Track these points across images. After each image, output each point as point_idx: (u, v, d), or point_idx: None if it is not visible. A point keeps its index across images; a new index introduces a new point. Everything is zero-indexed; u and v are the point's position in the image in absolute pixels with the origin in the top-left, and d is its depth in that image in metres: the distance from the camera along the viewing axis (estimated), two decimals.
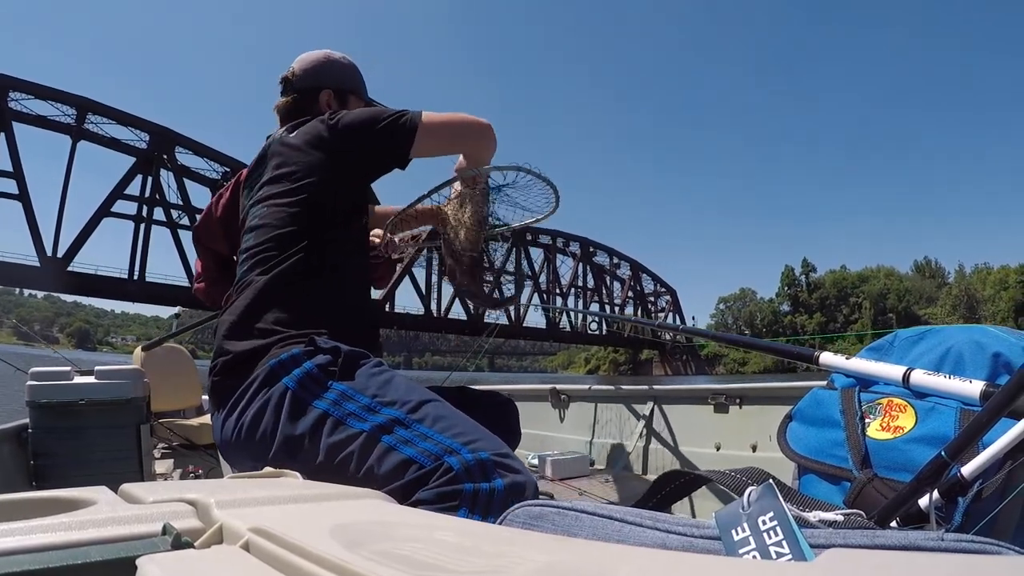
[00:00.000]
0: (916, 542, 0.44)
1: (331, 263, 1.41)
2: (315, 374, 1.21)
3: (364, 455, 1.11)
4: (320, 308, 1.36)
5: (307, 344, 1.25)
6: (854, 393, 1.26)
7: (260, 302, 1.34)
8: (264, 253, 1.39)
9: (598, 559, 0.40)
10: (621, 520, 0.55)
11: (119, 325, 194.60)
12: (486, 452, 1.07)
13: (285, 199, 1.42)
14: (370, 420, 1.13)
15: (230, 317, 1.36)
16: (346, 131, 1.45)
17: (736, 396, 2.80)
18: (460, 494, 1.01)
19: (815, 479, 1.24)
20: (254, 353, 1.28)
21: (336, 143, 1.44)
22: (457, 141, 1.56)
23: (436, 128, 1.48)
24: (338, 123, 1.45)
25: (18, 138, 41.82)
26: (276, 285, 1.35)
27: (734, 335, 2.33)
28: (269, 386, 1.22)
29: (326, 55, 1.72)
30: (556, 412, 3.74)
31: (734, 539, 0.47)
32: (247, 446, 1.24)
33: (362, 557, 0.39)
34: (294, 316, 1.33)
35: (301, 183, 1.42)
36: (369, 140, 1.46)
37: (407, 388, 1.21)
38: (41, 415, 2.09)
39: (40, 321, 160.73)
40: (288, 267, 1.36)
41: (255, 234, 1.43)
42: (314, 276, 1.38)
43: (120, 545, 0.48)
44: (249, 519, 0.50)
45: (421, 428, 1.11)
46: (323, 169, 1.44)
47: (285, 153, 1.47)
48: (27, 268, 42.58)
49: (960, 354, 1.20)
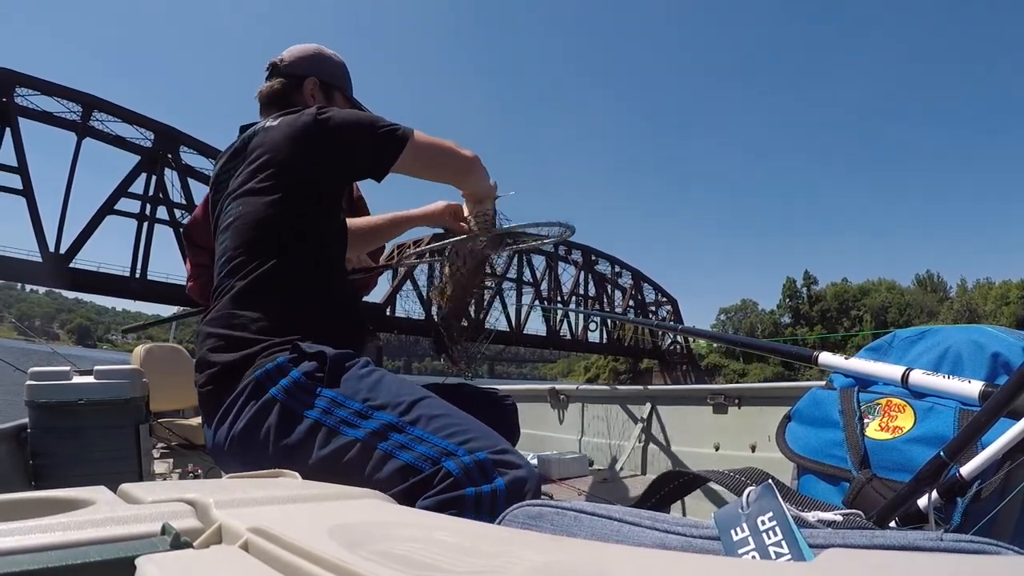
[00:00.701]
0: (915, 542, 0.44)
1: (310, 263, 1.38)
2: (303, 383, 1.19)
3: (361, 463, 1.10)
4: (302, 311, 1.33)
5: (291, 351, 1.23)
6: (853, 393, 1.26)
7: (241, 309, 1.31)
8: (240, 257, 1.35)
9: (596, 559, 0.40)
10: (620, 520, 0.55)
11: (120, 323, 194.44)
12: (483, 452, 1.07)
13: (261, 197, 1.38)
14: (364, 426, 1.12)
15: (211, 327, 1.33)
16: (336, 130, 1.41)
17: (735, 396, 2.80)
18: (463, 500, 1.01)
19: (814, 479, 1.24)
20: (239, 363, 1.25)
21: (322, 140, 1.40)
22: (439, 168, 1.57)
23: (423, 149, 1.48)
24: (328, 120, 1.41)
25: (24, 134, 41.66)
26: (256, 290, 1.32)
27: (732, 335, 2.33)
28: (257, 398, 1.20)
29: (317, 48, 1.69)
30: (555, 412, 3.74)
31: (733, 539, 0.47)
32: (241, 458, 1.22)
33: (361, 557, 0.39)
34: (276, 322, 1.29)
35: (278, 179, 1.38)
36: (359, 144, 1.43)
37: (397, 388, 1.20)
38: (40, 415, 2.09)
39: (41, 317, 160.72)
40: (266, 271, 1.33)
41: (231, 235, 1.39)
42: (293, 278, 1.35)
43: (119, 545, 0.48)
44: (248, 519, 0.50)
45: (416, 431, 1.10)
46: (304, 165, 1.40)
47: (266, 144, 1.42)
48: (29, 263, 42.43)
49: (959, 354, 1.20)
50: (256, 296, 1.32)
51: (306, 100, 1.61)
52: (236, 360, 1.25)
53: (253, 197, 1.38)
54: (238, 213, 1.39)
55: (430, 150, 1.50)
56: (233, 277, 1.35)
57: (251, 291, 1.32)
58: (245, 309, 1.31)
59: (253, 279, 1.32)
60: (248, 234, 1.36)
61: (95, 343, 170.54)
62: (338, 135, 1.41)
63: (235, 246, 1.37)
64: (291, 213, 1.37)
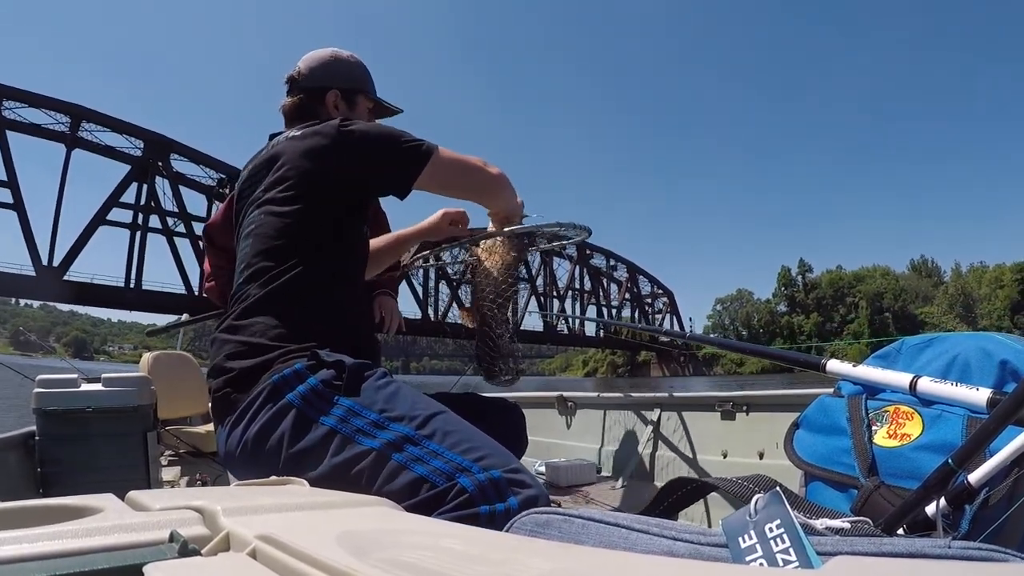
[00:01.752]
0: (923, 550, 0.44)
1: (329, 273, 1.38)
2: (320, 390, 1.19)
3: (375, 473, 1.10)
4: (320, 320, 1.33)
5: (310, 358, 1.23)
6: (861, 401, 1.25)
7: (259, 317, 1.31)
8: (260, 264, 1.36)
9: (604, 566, 0.40)
10: (628, 527, 0.55)
11: (116, 334, 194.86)
12: (498, 470, 1.07)
13: (283, 207, 1.38)
14: (380, 437, 1.12)
15: (227, 334, 1.33)
16: (359, 145, 1.41)
17: (743, 403, 2.80)
18: (476, 519, 1.01)
19: (822, 486, 1.24)
20: (256, 368, 1.26)
21: (344, 155, 1.40)
22: (464, 186, 1.55)
23: (448, 166, 1.46)
24: (351, 134, 1.40)
25: (12, 147, 42.09)
26: (274, 299, 1.33)
27: (741, 343, 2.31)
28: (273, 402, 1.20)
29: (333, 54, 1.67)
30: (563, 419, 3.74)
31: (741, 546, 0.47)
32: (252, 462, 1.22)
33: (369, 565, 0.39)
34: (294, 330, 1.30)
35: (299, 190, 1.39)
36: (382, 160, 1.43)
37: (413, 400, 1.20)
38: (48, 422, 2.10)
39: (36, 331, 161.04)
40: (286, 280, 1.33)
41: (251, 242, 1.40)
42: (312, 288, 1.35)
43: (127, 552, 0.48)
44: (256, 526, 0.50)
45: (431, 445, 1.10)
46: (325, 178, 1.40)
47: (289, 155, 1.43)
48: (23, 278, 42.82)
49: (967, 361, 1.19)
50: (273, 304, 1.32)
51: (329, 112, 1.60)
52: (253, 366, 1.26)
53: (274, 207, 1.39)
54: (260, 222, 1.40)
55: (455, 167, 1.49)
56: (251, 284, 1.35)
57: (269, 299, 1.33)
58: (263, 316, 1.31)
59: (271, 288, 1.33)
60: (268, 243, 1.37)
61: (92, 355, 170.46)
62: (360, 150, 1.41)
63: (254, 254, 1.38)
64: (311, 225, 1.38)
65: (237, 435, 1.24)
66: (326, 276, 1.38)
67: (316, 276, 1.36)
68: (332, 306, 1.37)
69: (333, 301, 1.37)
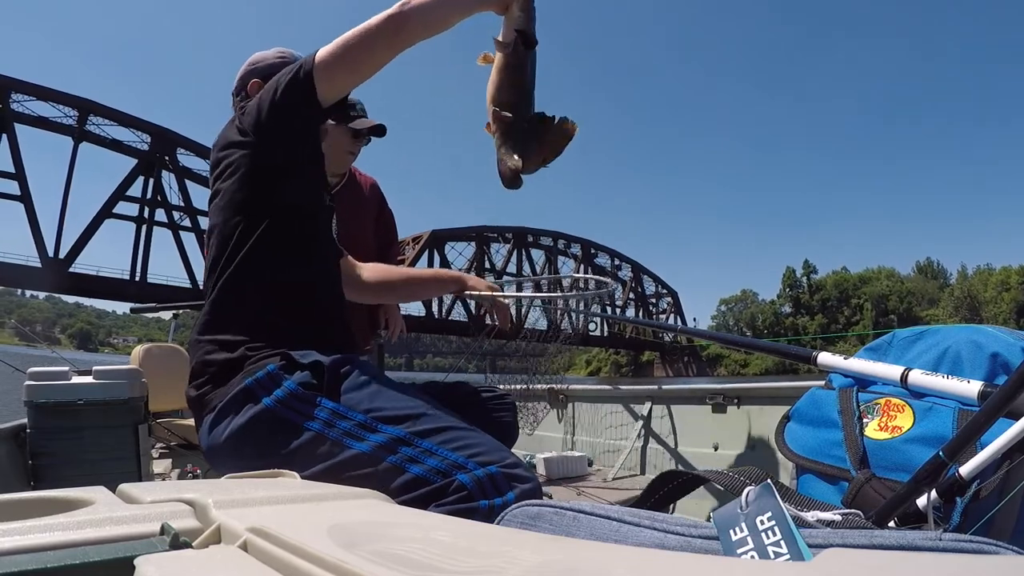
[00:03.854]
0: (914, 542, 0.44)
1: (282, 264, 1.35)
2: (300, 393, 1.17)
3: (369, 476, 1.08)
4: (282, 314, 1.31)
5: (281, 358, 1.22)
6: (852, 393, 1.26)
7: (221, 315, 1.31)
8: (216, 261, 1.34)
9: (595, 559, 0.40)
10: (619, 520, 0.55)
11: (120, 326, 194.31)
12: (495, 466, 1.06)
13: (224, 202, 1.36)
14: (369, 440, 1.10)
15: (197, 334, 1.32)
16: (253, 110, 1.34)
17: (734, 396, 2.80)
18: (476, 513, 1.01)
19: (813, 479, 1.24)
20: (225, 367, 1.24)
21: (249, 133, 1.34)
22: (375, 56, 1.29)
23: (335, 59, 1.27)
24: (244, 106, 1.37)
25: (20, 139, 42.03)
26: (231, 295, 1.31)
27: (732, 335, 2.32)
28: (247, 407, 1.18)
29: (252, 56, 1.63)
30: (554, 412, 3.74)
31: (732, 539, 0.47)
32: (233, 462, 1.20)
33: (359, 557, 0.39)
34: (256, 327, 1.28)
35: (232, 182, 1.35)
36: (277, 115, 1.32)
37: (399, 397, 1.18)
38: (39, 415, 2.09)
39: (41, 322, 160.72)
40: (239, 275, 1.31)
41: (211, 242, 1.38)
42: (268, 280, 1.32)
43: (118, 545, 0.48)
44: (247, 519, 0.50)
45: (424, 444, 1.09)
46: (248, 163, 1.35)
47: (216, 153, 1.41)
48: (29, 269, 42.77)
49: (958, 354, 1.20)
50: (232, 302, 1.31)
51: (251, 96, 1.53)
52: (221, 362, 1.25)
53: (220, 203, 1.37)
54: (213, 222, 1.39)
55: (348, 53, 1.28)
56: (213, 284, 1.34)
57: (227, 297, 1.32)
58: (225, 316, 1.31)
59: (227, 285, 1.32)
60: (221, 242, 1.35)
61: (96, 347, 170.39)
62: (258, 120, 1.34)
63: (213, 255, 1.36)
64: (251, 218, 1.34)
65: (214, 437, 1.23)
66: (279, 267, 1.34)
67: (269, 267, 1.33)
68: (292, 297, 1.35)
69: (292, 292, 1.35)
